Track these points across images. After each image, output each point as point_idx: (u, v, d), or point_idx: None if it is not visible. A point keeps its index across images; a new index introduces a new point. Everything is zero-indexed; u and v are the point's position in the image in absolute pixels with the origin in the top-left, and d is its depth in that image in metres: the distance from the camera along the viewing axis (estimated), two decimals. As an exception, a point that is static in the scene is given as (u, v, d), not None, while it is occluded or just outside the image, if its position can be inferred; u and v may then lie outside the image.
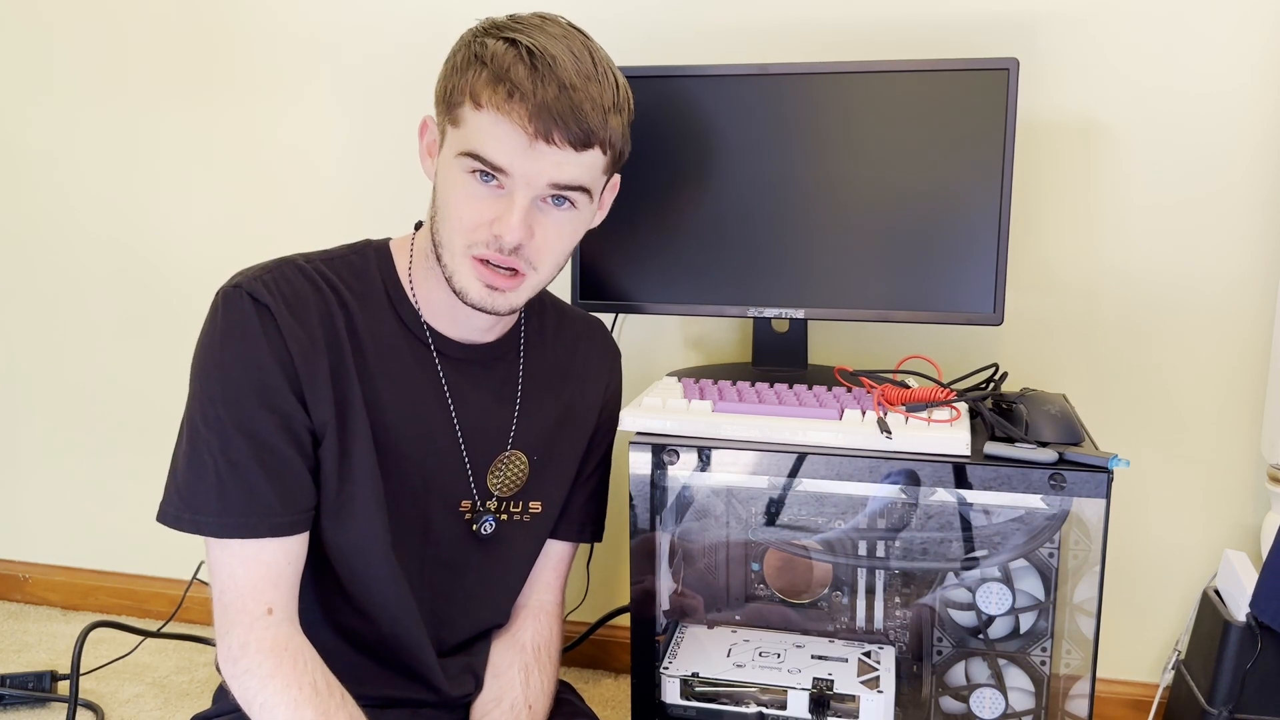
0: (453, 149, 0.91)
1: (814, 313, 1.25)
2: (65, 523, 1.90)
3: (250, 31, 1.63)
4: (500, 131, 0.88)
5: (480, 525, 1.04)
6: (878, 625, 1.20)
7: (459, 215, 0.91)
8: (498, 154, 0.88)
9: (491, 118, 0.88)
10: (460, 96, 0.90)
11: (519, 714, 1.03)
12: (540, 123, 0.87)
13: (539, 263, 0.94)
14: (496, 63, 0.87)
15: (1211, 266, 1.33)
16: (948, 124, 1.18)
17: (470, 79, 0.89)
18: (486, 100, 0.88)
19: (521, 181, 0.89)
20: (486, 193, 0.91)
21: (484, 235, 0.91)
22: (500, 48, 0.88)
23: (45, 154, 1.76)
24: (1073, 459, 1.00)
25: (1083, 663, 1.09)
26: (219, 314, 0.92)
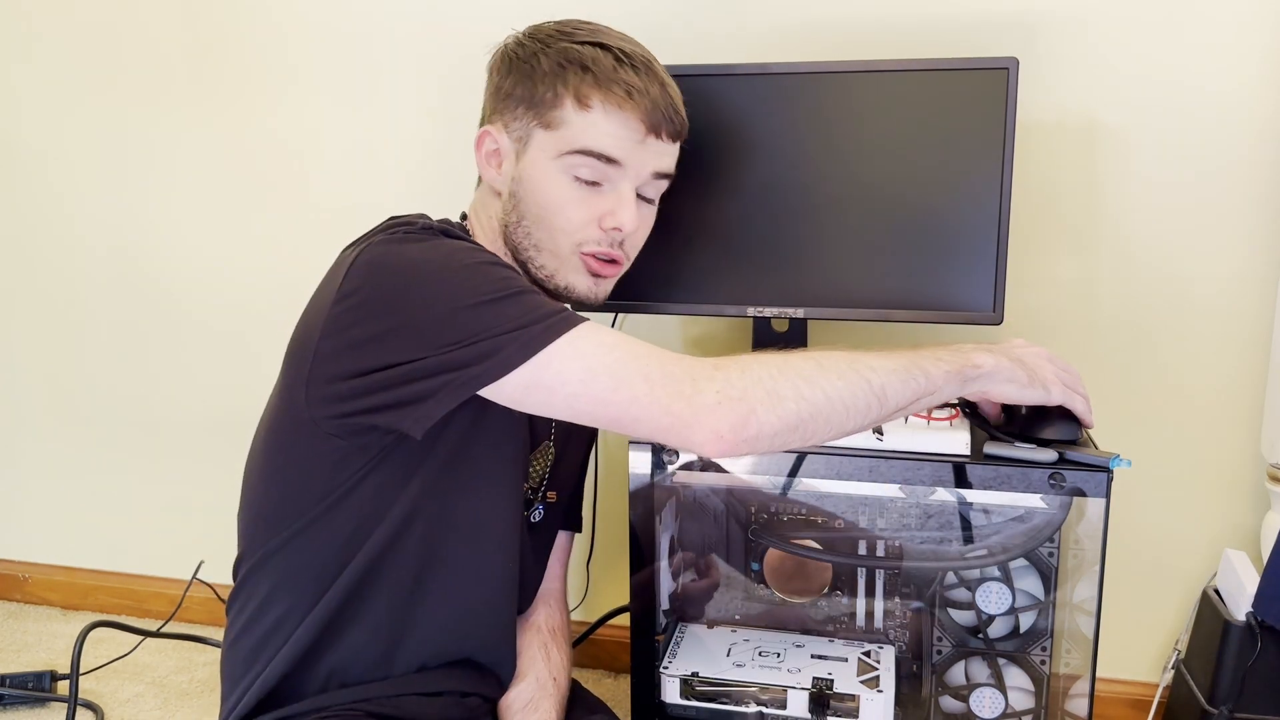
0: (550, 150, 0.95)
1: (814, 312, 1.25)
2: (65, 523, 1.90)
3: (246, 31, 1.63)
4: (615, 128, 0.93)
5: (532, 513, 1.08)
6: (878, 625, 1.20)
7: (567, 216, 0.96)
8: (614, 148, 0.94)
9: (605, 115, 0.93)
10: (559, 99, 0.94)
11: (546, 686, 1.07)
12: (653, 119, 0.94)
13: (632, 252, 1.02)
14: (601, 66, 0.93)
15: (1211, 266, 1.33)
16: (948, 124, 1.18)
17: (572, 82, 0.93)
18: (599, 101, 0.93)
19: (631, 173, 0.95)
20: (590, 192, 0.96)
21: (594, 233, 0.97)
22: (596, 53, 0.94)
23: (40, 155, 1.76)
24: (1073, 458, 1.00)
25: (1082, 662, 1.09)
26: (416, 237, 0.88)
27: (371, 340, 0.84)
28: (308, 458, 0.93)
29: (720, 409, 0.79)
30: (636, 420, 0.81)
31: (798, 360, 0.84)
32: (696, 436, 0.79)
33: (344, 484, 0.93)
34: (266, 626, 0.98)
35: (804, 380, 0.82)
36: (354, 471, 0.92)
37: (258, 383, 1.02)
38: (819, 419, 0.82)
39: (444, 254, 0.86)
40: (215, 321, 1.74)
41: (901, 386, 0.85)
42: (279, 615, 0.97)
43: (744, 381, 0.80)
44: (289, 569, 0.97)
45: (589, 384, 0.81)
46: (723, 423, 0.79)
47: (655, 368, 0.81)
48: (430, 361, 0.82)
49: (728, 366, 0.82)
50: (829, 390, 0.82)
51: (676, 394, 0.80)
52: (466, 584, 0.99)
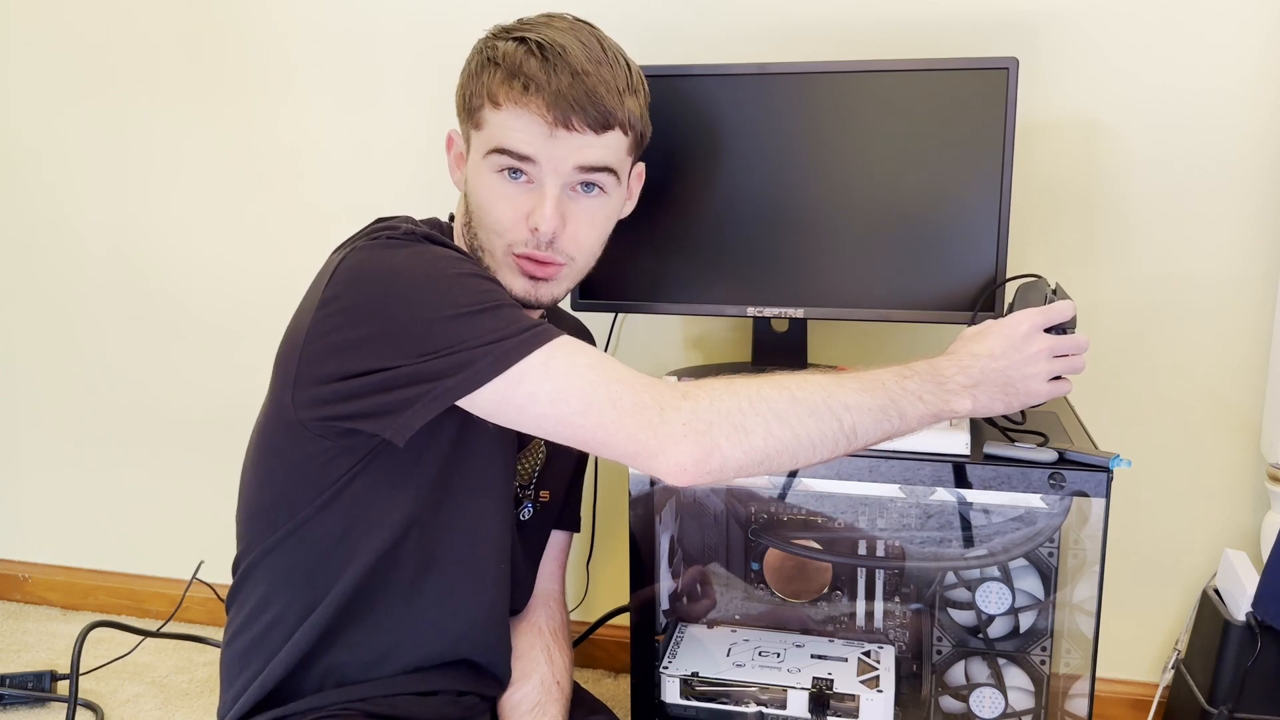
0: (479, 151, 0.94)
1: (814, 312, 1.25)
2: (65, 523, 1.90)
3: (244, 31, 1.63)
4: (521, 124, 0.90)
5: (521, 511, 1.07)
6: (878, 625, 1.20)
7: (494, 216, 0.94)
8: (522, 144, 0.91)
9: (511, 113, 0.91)
10: (479, 100, 0.93)
11: (550, 689, 1.07)
12: (558, 110, 0.89)
13: (575, 252, 0.96)
14: (508, 61, 0.90)
15: (1211, 266, 1.33)
16: (948, 124, 1.18)
17: (486, 81, 0.92)
18: (504, 97, 0.91)
19: (549, 169, 0.92)
20: (517, 190, 0.93)
21: (521, 233, 0.94)
22: (510, 47, 0.91)
23: (39, 156, 1.76)
24: (1073, 458, 1.00)
25: (1082, 662, 1.09)
26: (398, 244, 0.88)
27: (353, 345, 0.85)
28: (297, 458, 0.93)
29: (685, 441, 0.80)
30: (603, 445, 0.83)
31: (771, 392, 0.83)
32: (660, 466, 0.81)
33: (334, 484, 0.93)
34: (263, 626, 0.98)
35: (774, 417, 0.82)
36: (343, 472, 0.93)
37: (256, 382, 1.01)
38: (785, 455, 0.83)
39: (426, 262, 0.87)
40: (215, 321, 1.74)
41: (873, 426, 0.86)
42: (275, 615, 0.98)
43: (711, 414, 0.81)
44: (284, 569, 0.97)
45: (558, 405, 0.82)
46: (686, 455, 0.80)
47: (625, 394, 0.82)
48: (407, 370, 0.83)
49: (698, 396, 0.82)
50: (798, 429, 0.82)
51: (644, 423, 0.81)
52: (461, 585, 0.99)
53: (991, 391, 0.89)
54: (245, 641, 1.00)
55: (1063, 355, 0.92)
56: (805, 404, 0.82)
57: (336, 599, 0.95)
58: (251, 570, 1.00)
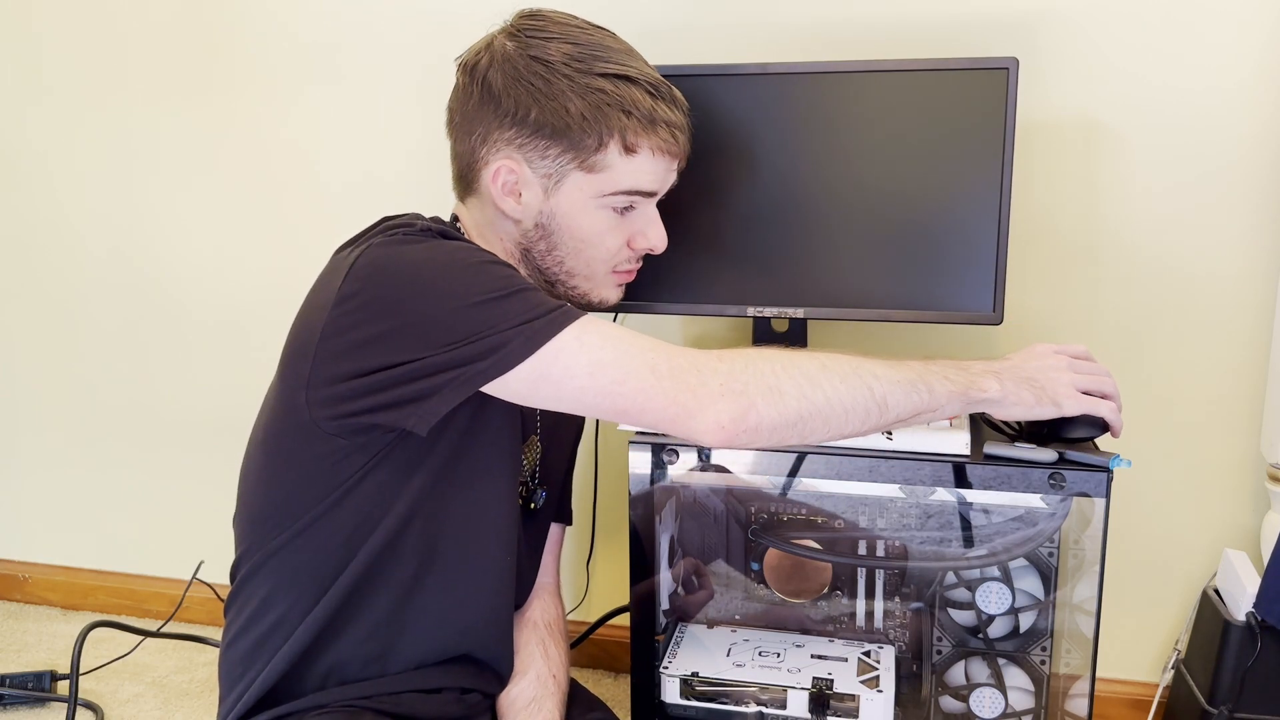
0: (591, 191, 0.97)
1: (814, 312, 1.25)
2: (65, 523, 1.90)
3: (250, 33, 1.63)
4: (658, 168, 0.99)
5: (534, 500, 1.09)
6: (878, 625, 1.20)
7: (607, 246, 1.01)
8: (655, 184, 1.00)
9: (652, 159, 0.98)
10: (603, 145, 0.95)
11: (545, 683, 1.07)
12: (686, 149, 1.02)
13: None
14: (641, 109, 0.95)
15: (1211, 265, 1.33)
16: (948, 124, 1.18)
17: (616, 128, 0.95)
18: (646, 145, 0.97)
19: (659, 196, 1.03)
20: (619, 219, 1.01)
21: (626, 253, 1.03)
22: (631, 91, 0.95)
23: (42, 156, 1.76)
24: (1073, 458, 1.00)
25: (1082, 662, 1.09)
26: (418, 239, 0.89)
27: (374, 341, 0.85)
28: (308, 459, 0.93)
29: (723, 400, 0.81)
30: (643, 410, 0.83)
31: (802, 359, 0.85)
32: (699, 426, 0.82)
33: (345, 483, 0.93)
34: (266, 626, 0.98)
35: (806, 379, 0.83)
36: (355, 470, 0.92)
37: (257, 383, 1.01)
38: (818, 419, 0.84)
39: (445, 254, 0.88)
40: (215, 321, 1.74)
41: (904, 398, 0.86)
42: (279, 615, 0.98)
43: (747, 375, 0.82)
44: (289, 569, 0.97)
45: (596, 376, 0.83)
46: (724, 413, 0.81)
47: (661, 360, 0.83)
48: (435, 359, 0.83)
49: (732, 359, 0.84)
50: (830, 392, 0.84)
51: (682, 385, 0.82)
52: (465, 580, 0.99)
53: (1018, 380, 0.91)
54: (248, 643, 0.99)
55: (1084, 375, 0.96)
56: (835, 371, 0.84)
57: (338, 595, 0.95)
58: (254, 573, 0.99)
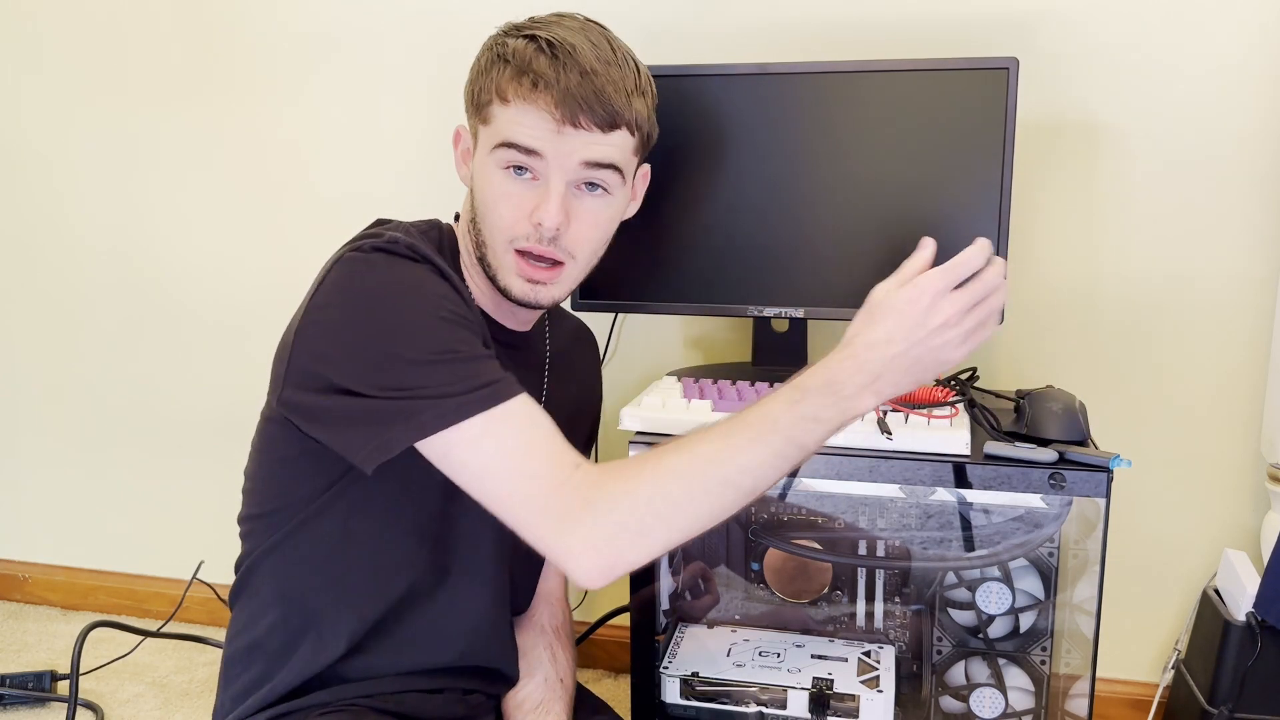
0: (486, 146, 0.95)
1: (814, 312, 1.25)
2: (65, 523, 1.90)
3: (249, 31, 1.63)
4: (530, 119, 0.91)
5: None
6: (878, 625, 1.20)
7: (499, 211, 0.94)
8: (529, 139, 0.91)
9: (520, 109, 0.91)
10: (488, 96, 0.94)
11: (553, 686, 1.07)
12: (566, 108, 0.90)
13: (576, 250, 0.96)
14: (518, 58, 0.91)
15: (1211, 265, 1.33)
16: (948, 124, 1.18)
17: (495, 77, 0.93)
18: (513, 94, 0.91)
19: (555, 165, 0.92)
20: (522, 187, 0.94)
21: (524, 228, 0.94)
22: (520, 44, 0.92)
23: (41, 155, 1.76)
24: (1073, 459, 1.00)
25: (1083, 662, 1.09)
26: (381, 263, 0.89)
27: (327, 359, 0.87)
28: (293, 456, 0.94)
29: (588, 556, 0.82)
30: (520, 531, 0.85)
31: (669, 482, 0.82)
32: (569, 573, 0.84)
33: (331, 485, 0.94)
34: (265, 625, 0.98)
35: (672, 508, 0.82)
36: (343, 472, 0.93)
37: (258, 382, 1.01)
38: (685, 537, 0.84)
39: (402, 292, 0.88)
40: (215, 321, 1.74)
41: (773, 473, 0.84)
42: (276, 617, 0.98)
43: (610, 524, 0.82)
44: (285, 568, 0.98)
45: (484, 481, 0.85)
46: (592, 567, 0.83)
47: (538, 493, 0.83)
48: (366, 404, 0.85)
49: (598, 504, 0.82)
50: (697, 511, 0.83)
51: (553, 530, 0.83)
52: (461, 585, 0.99)
53: (896, 378, 0.83)
54: (245, 642, 1.00)
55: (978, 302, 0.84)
56: (700, 485, 0.82)
57: (334, 598, 0.95)
58: (253, 570, 1.00)
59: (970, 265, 0.84)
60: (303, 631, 0.97)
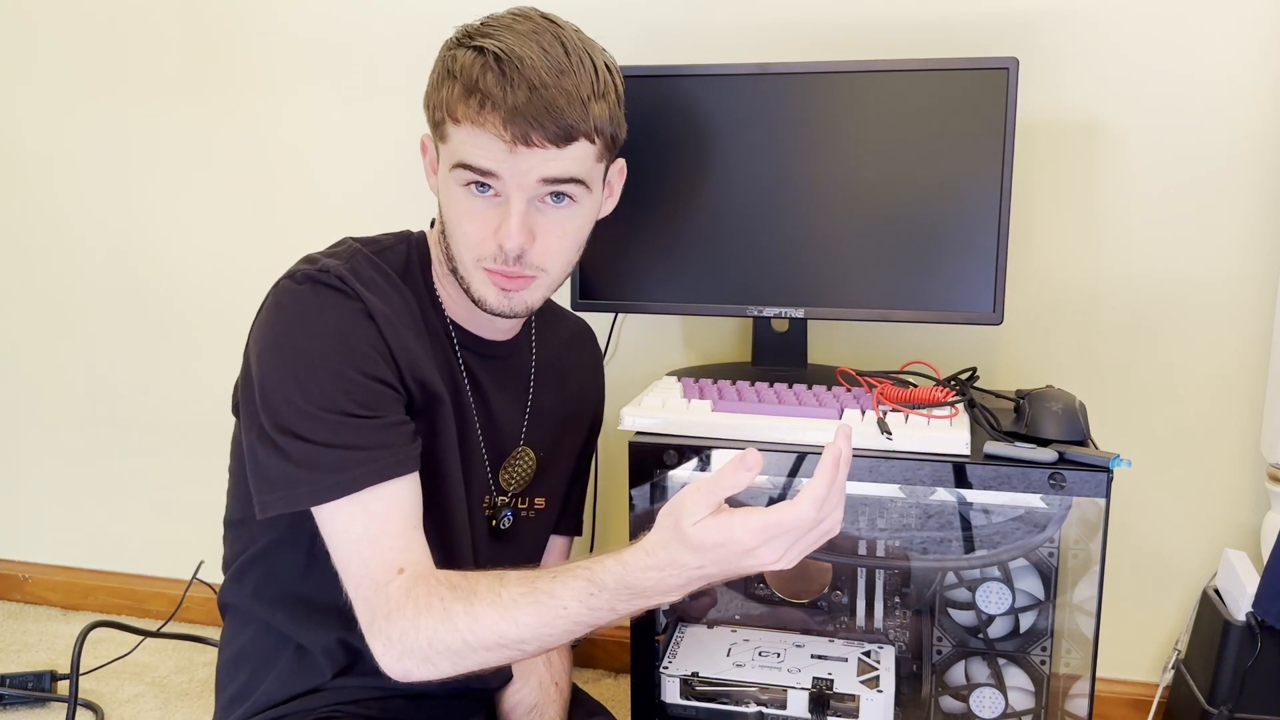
0: (445, 163, 0.92)
1: (814, 312, 1.25)
2: (65, 523, 1.90)
3: (248, 31, 1.63)
4: (481, 140, 0.88)
5: (499, 521, 1.05)
6: (878, 625, 1.20)
7: (464, 230, 0.92)
8: (482, 160, 0.88)
9: (469, 130, 0.88)
10: (441, 113, 0.91)
11: (548, 690, 1.07)
12: (516, 128, 0.86)
13: (547, 264, 0.94)
14: (465, 75, 0.88)
15: (1211, 266, 1.33)
16: (948, 124, 1.18)
17: (446, 95, 0.90)
18: (462, 114, 0.88)
19: (512, 185, 0.89)
20: (485, 205, 0.91)
21: (490, 248, 0.92)
22: (469, 58, 0.88)
23: (41, 155, 1.76)
24: (1073, 459, 1.00)
25: (1083, 662, 1.09)
26: (306, 297, 0.90)
27: (247, 382, 0.92)
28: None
29: (387, 655, 0.85)
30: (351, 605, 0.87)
31: (450, 636, 0.82)
32: (378, 659, 0.86)
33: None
34: (249, 636, 1.00)
35: (454, 655, 0.83)
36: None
37: (257, 383, 1.02)
38: (477, 671, 0.85)
39: (305, 343, 0.88)
40: (215, 321, 1.74)
41: (563, 640, 0.85)
42: (260, 627, 0.99)
43: (404, 644, 0.83)
44: (261, 583, 0.99)
45: (330, 547, 0.87)
46: (392, 665, 0.85)
47: (363, 586, 0.86)
48: (259, 455, 0.88)
49: (401, 620, 0.83)
50: (481, 661, 0.84)
51: (366, 622, 0.86)
52: None
53: (704, 583, 0.81)
54: (232, 652, 1.02)
55: None
56: (480, 646, 0.83)
57: (311, 625, 0.96)
58: (236, 579, 1.01)
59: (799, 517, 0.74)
60: (282, 647, 0.97)
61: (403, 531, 0.87)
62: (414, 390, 0.93)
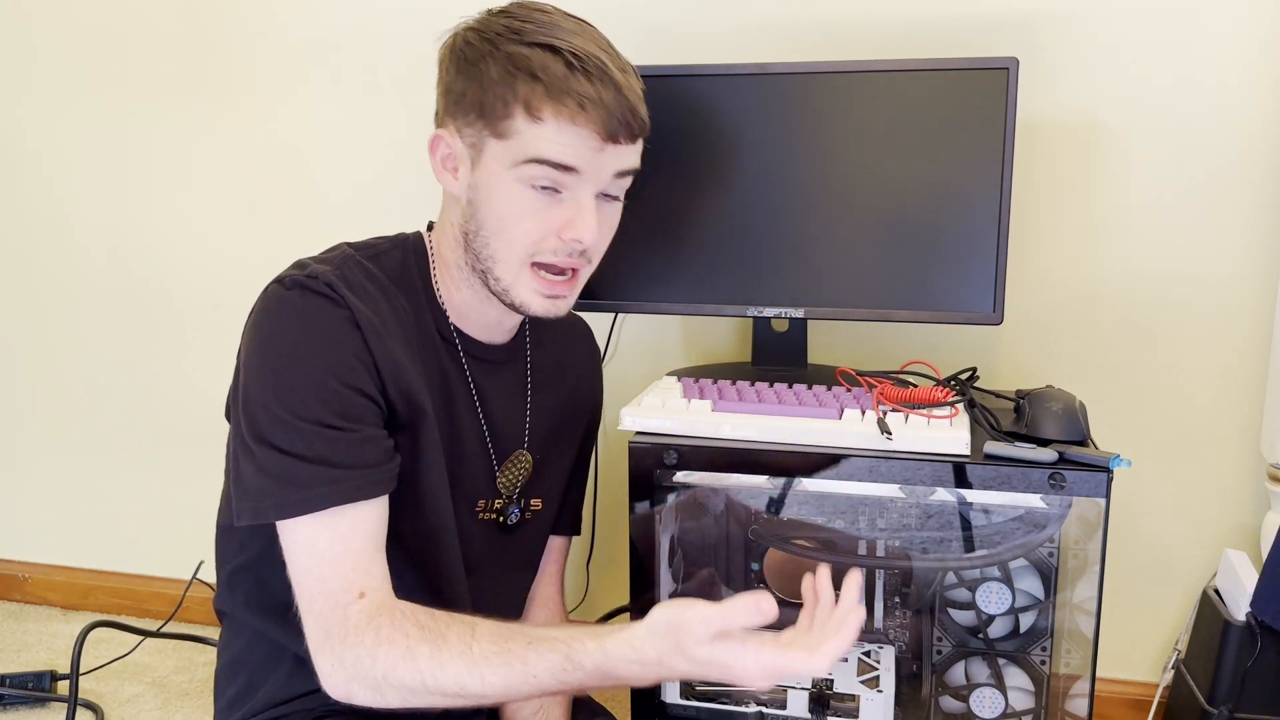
0: (503, 161, 0.91)
1: (814, 312, 1.25)
2: (65, 523, 1.90)
3: (246, 31, 1.63)
4: (570, 139, 0.89)
5: (507, 517, 1.06)
6: (878, 625, 1.20)
7: (524, 229, 0.92)
8: (571, 158, 0.89)
9: (558, 127, 0.89)
10: (509, 110, 0.89)
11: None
12: (610, 128, 0.89)
13: (595, 256, 0.97)
14: (551, 74, 0.88)
15: (1211, 266, 1.33)
16: (948, 124, 1.18)
17: (522, 93, 0.89)
18: (551, 113, 0.88)
19: (590, 180, 0.91)
20: (549, 202, 0.92)
21: (552, 243, 0.93)
22: (546, 59, 0.89)
23: (40, 155, 1.76)
24: (1073, 459, 1.00)
25: (1082, 662, 1.09)
26: (293, 303, 0.90)
27: (233, 387, 0.93)
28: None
29: (334, 677, 0.85)
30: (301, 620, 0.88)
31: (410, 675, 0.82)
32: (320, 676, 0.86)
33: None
34: (245, 641, 1.00)
35: (409, 692, 0.83)
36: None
37: (258, 383, 1.02)
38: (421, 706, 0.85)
39: (281, 351, 0.88)
40: (215, 321, 1.74)
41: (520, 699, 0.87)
42: (254, 631, 0.99)
43: (355, 669, 0.84)
44: (250, 592, 0.99)
45: (288, 559, 0.88)
46: (336, 687, 0.85)
47: (322, 605, 0.86)
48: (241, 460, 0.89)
49: (353, 645, 0.84)
50: (433, 702, 0.84)
51: (315, 638, 0.86)
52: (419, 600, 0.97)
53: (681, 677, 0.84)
54: (229, 657, 1.02)
55: None
56: (439, 691, 0.83)
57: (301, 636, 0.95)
58: (227, 585, 1.02)
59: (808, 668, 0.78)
60: (279, 653, 0.97)
61: (365, 553, 0.87)
62: (397, 402, 0.92)
